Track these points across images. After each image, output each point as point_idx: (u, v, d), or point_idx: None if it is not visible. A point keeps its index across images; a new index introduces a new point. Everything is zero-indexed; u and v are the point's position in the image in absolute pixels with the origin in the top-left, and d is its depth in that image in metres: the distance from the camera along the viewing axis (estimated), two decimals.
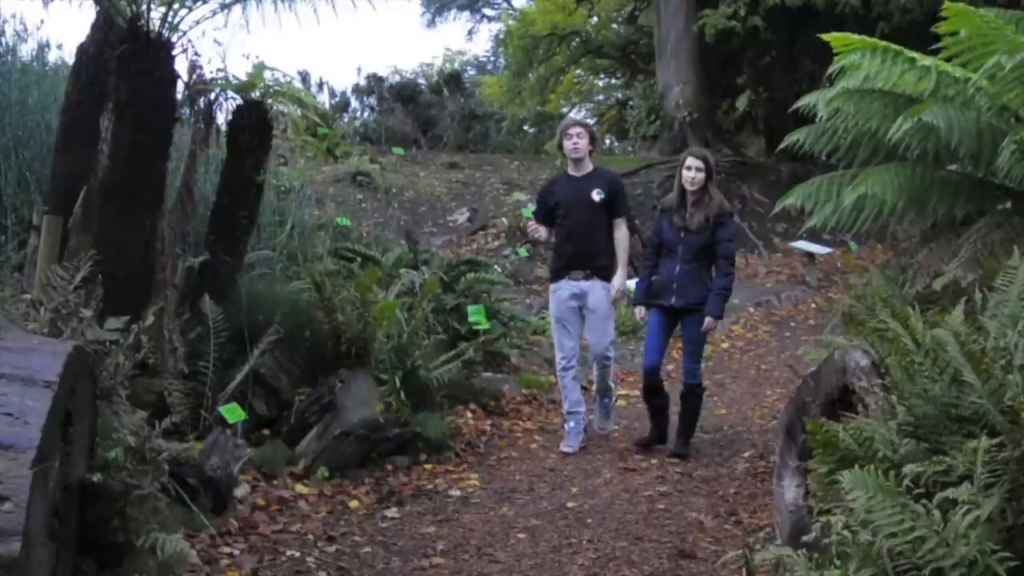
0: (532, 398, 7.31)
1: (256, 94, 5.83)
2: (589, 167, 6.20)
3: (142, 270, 5.00)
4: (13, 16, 8.81)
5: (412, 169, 14.67)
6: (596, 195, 6.05)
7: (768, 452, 5.54)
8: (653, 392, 6.09)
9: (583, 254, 6.08)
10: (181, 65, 5.18)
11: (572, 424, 6.16)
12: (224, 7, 5.31)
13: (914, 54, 4.91)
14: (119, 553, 3.30)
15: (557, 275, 6.19)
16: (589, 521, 4.86)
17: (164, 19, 4.99)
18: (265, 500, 4.85)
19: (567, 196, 6.15)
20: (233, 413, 4.95)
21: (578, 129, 6.18)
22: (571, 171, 6.24)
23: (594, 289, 6.07)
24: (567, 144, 6.14)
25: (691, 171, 5.87)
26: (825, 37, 5.15)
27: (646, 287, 6.07)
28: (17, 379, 2.74)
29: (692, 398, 6.07)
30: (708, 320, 5.83)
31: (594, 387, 6.48)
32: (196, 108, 5.58)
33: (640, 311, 6.24)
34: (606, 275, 6.10)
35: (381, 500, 5.16)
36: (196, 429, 4.90)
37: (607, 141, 22.27)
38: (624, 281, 6.15)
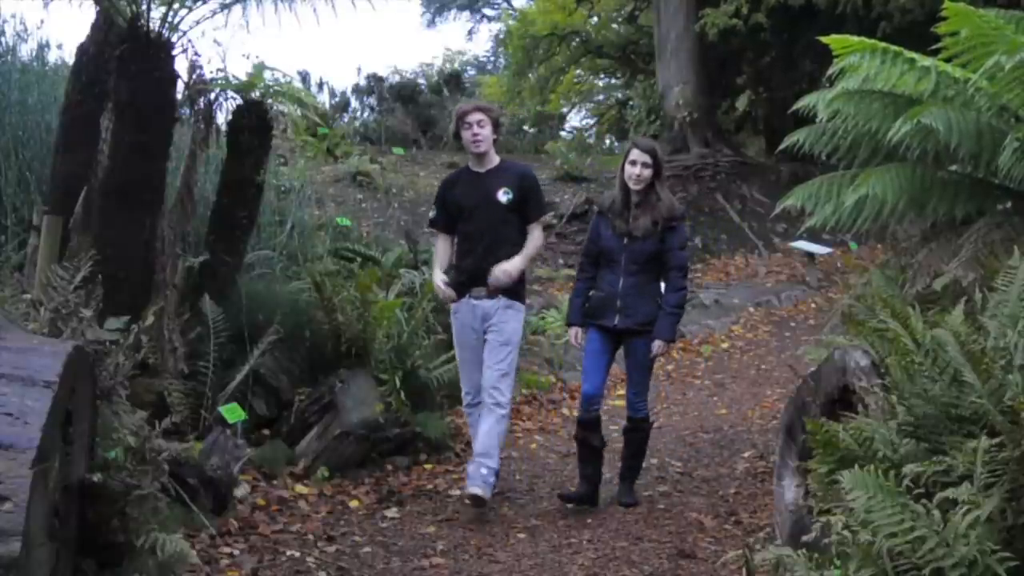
0: (532, 398, 7.32)
1: (256, 94, 5.84)
2: (494, 161, 5.18)
3: (142, 270, 5.00)
4: (13, 16, 8.82)
5: (412, 169, 14.66)
6: (503, 195, 5.05)
7: (768, 452, 5.54)
8: (589, 427, 5.08)
9: (486, 265, 5.02)
10: (181, 65, 5.20)
11: (471, 469, 5.00)
12: (224, 7, 5.31)
13: (914, 55, 4.90)
14: (119, 553, 3.30)
15: (457, 293, 5.15)
16: (589, 521, 4.86)
17: (164, 19, 4.99)
18: (265, 500, 4.85)
19: (468, 197, 5.14)
20: (233, 413, 4.95)
21: (478, 115, 5.08)
22: (473, 166, 5.21)
23: (498, 309, 5.05)
24: (465, 134, 5.09)
25: (636, 166, 4.96)
26: (824, 40, 5.15)
27: (582, 304, 5.12)
28: (17, 379, 2.74)
29: (638, 435, 5.14)
30: (658, 344, 4.95)
31: (475, 445, 5.11)
32: (196, 108, 5.58)
33: (575, 333, 5.19)
34: (514, 293, 5.09)
35: (381, 500, 5.16)
36: (196, 429, 4.91)
37: (607, 141, 22.27)
38: (513, 267, 5.01)
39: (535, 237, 5.17)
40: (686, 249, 5.14)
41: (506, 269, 4.99)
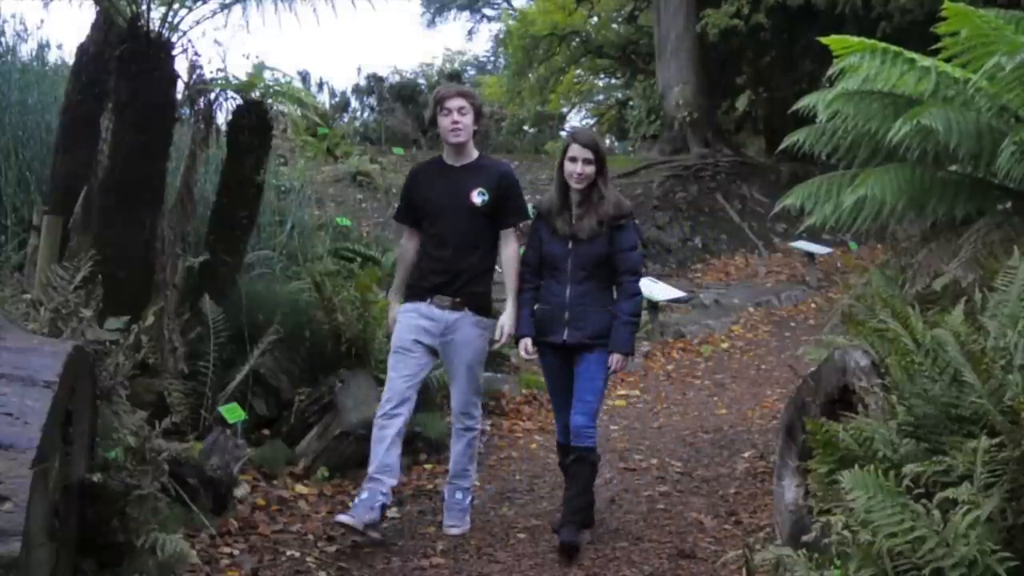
0: (532, 398, 7.32)
1: (256, 94, 5.84)
2: (471, 155, 4.66)
3: (142, 270, 5.00)
4: (13, 16, 8.83)
5: None
6: (477, 196, 4.54)
7: (768, 452, 5.54)
8: (568, 453, 4.59)
9: (454, 274, 4.55)
10: (181, 65, 5.20)
11: (365, 495, 4.45)
12: (224, 7, 5.31)
13: (914, 55, 4.90)
14: (119, 553, 3.30)
15: (414, 296, 4.63)
16: None
17: (164, 19, 4.99)
18: (265, 500, 4.85)
19: (438, 193, 4.63)
20: (233, 413, 4.95)
21: (459, 101, 4.55)
22: (447, 158, 4.69)
23: (463, 325, 4.55)
24: (444, 121, 4.56)
25: (577, 163, 4.45)
26: (824, 40, 5.15)
27: (530, 315, 4.60)
28: (17, 379, 2.74)
29: (584, 468, 4.48)
30: (616, 358, 4.44)
31: (450, 466, 4.78)
32: (196, 108, 5.58)
33: (525, 345, 4.61)
34: (481, 306, 4.64)
35: None
36: (196, 429, 4.91)
37: (607, 141, 22.27)
38: (515, 319, 4.59)
39: (511, 252, 4.63)
40: (638, 250, 4.61)
41: (508, 328, 4.59)
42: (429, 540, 4.61)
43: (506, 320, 4.59)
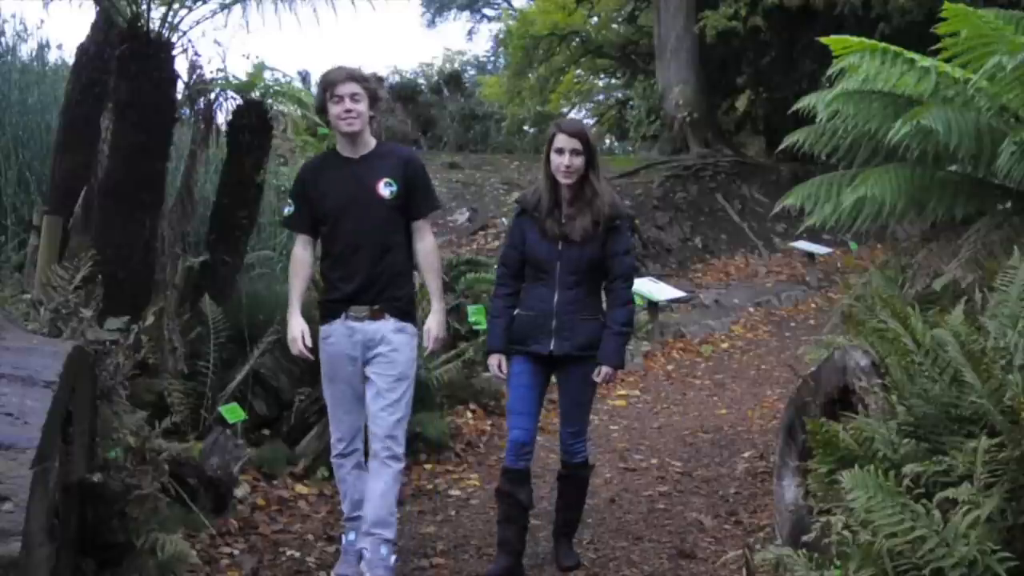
0: None
1: (256, 94, 5.84)
2: (370, 144, 4.09)
3: (142, 270, 5.01)
4: (13, 16, 8.84)
5: None
6: (384, 188, 4.01)
7: (768, 452, 5.54)
8: (517, 481, 4.11)
9: (368, 280, 4.01)
10: (181, 65, 5.21)
11: (352, 536, 4.11)
12: (224, 7, 5.31)
13: (913, 55, 4.90)
14: (119, 553, 3.30)
15: (329, 315, 4.10)
16: (589, 521, 4.85)
17: (164, 19, 4.99)
18: (265, 500, 4.85)
19: (339, 190, 4.06)
20: (233, 413, 4.95)
21: (352, 87, 3.96)
22: (343, 150, 4.10)
23: (387, 335, 4.00)
24: (335, 110, 3.98)
25: (564, 155, 3.99)
26: (824, 40, 5.14)
27: (507, 326, 4.13)
28: (17, 379, 2.74)
29: (575, 484, 4.27)
30: (605, 371, 4.04)
31: (363, 509, 4.03)
32: (196, 108, 5.59)
33: (497, 362, 4.15)
34: (405, 311, 4.08)
35: None
36: (196, 429, 4.91)
37: (607, 141, 22.29)
38: (443, 322, 4.17)
39: (429, 246, 4.16)
40: (631, 254, 4.20)
41: (436, 334, 4.14)
42: (429, 540, 4.61)
43: (433, 324, 4.12)
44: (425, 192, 4.16)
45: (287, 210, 4.27)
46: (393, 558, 3.99)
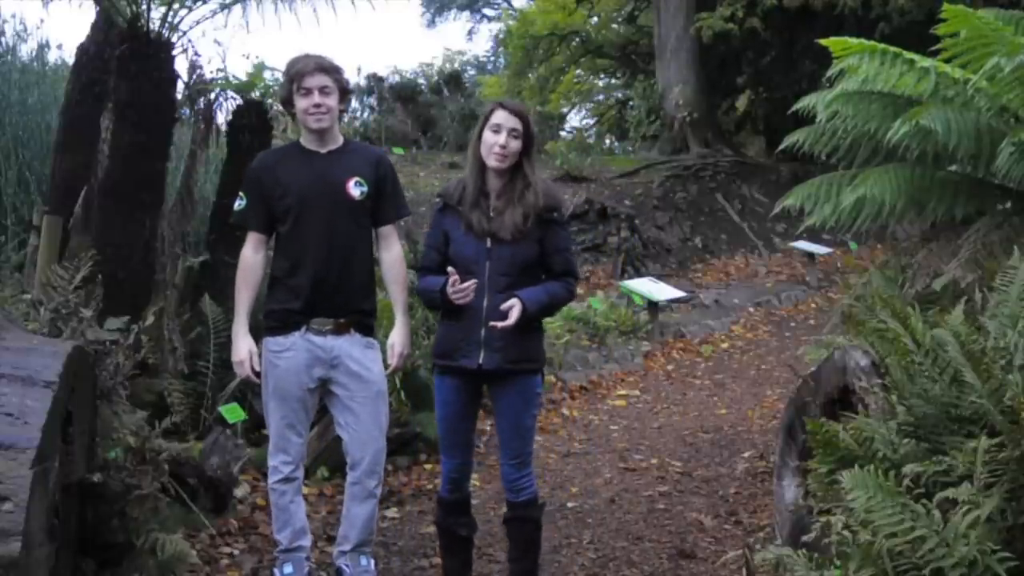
0: None
1: (256, 94, 5.85)
2: (338, 140, 3.76)
3: (142, 270, 5.01)
4: (13, 16, 8.85)
5: (412, 169, 14.66)
6: (355, 188, 3.65)
7: (768, 452, 5.54)
8: (455, 511, 3.69)
9: (332, 289, 3.64)
10: (181, 65, 5.21)
11: (290, 570, 3.76)
12: (224, 7, 5.33)
13: (913, 56, 4.90)
14: (119, 553, 3.30)
15: (284, 326, 3.67)
16: (589, 521, 4.86)
17: (164, 19, 5.00)
18: (265, 500, 4.84)
19: (303, 185, 3.65)
20: (233, 413, 4.95)
21: (322, 79, 3.62)
22: (308, 143, 3.73)
23: (353, 352, 3.67)
24: (303, 103, 3.62)
25: (500, 133, 3.45)
26: (823, 42, 5.15)
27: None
28: (17, 379, 2.74)
29: (525, 527, 3.63)
30: (515, 304, 3.38)
31: (343, 533, 3.84)
32: (196, 108, 5.60)
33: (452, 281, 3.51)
34: (370, 328, 3.78)
35: (381, 500, 5.15)
36: (196, 429, 4.92)
37: (607, 141, 22.27)
38: (408, 337, 3.80)
39: (396, 255, 3.81)
40: (572, 250, 3.74)
41: (402, 353, 3.78)
42: (429, 540, 4.61)
43: (397, 339, 3.77)
44: (395, 196, 3.82)
45: (238, 204, 3.78)
46: (372, 562, 3.84)
